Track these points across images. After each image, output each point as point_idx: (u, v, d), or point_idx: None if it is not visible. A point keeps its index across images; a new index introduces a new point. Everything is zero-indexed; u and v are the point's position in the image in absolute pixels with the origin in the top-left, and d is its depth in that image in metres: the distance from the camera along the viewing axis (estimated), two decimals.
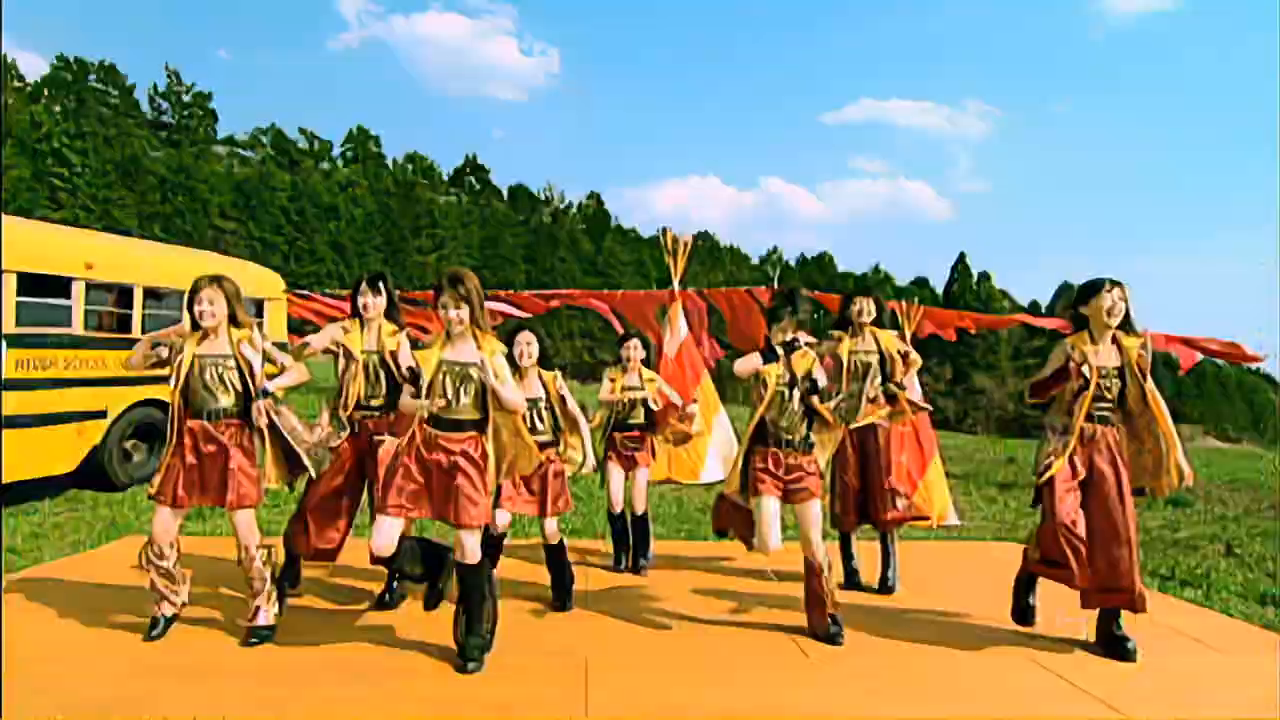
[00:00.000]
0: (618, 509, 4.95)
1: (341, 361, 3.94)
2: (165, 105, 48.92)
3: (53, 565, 4.78)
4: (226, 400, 3.55)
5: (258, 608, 3.55)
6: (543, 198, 69.48)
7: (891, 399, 4.59)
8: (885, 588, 4.63)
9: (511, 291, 9.41)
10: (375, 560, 3.40)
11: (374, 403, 3.95)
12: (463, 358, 3.32)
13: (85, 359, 6.82)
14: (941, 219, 78.33)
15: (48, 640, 3.48)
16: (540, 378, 4.11)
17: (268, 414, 3.55)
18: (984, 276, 57.42)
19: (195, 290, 3.52)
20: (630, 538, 5.06)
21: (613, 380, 5.00)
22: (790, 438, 3.80)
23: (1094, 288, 3.77)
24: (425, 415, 3.29)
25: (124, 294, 7.31)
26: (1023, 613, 3.98)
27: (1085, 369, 3.68)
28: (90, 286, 6.92)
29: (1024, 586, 3.98)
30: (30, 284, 6.42)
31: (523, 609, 4.11)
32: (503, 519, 4.13)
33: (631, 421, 4.99)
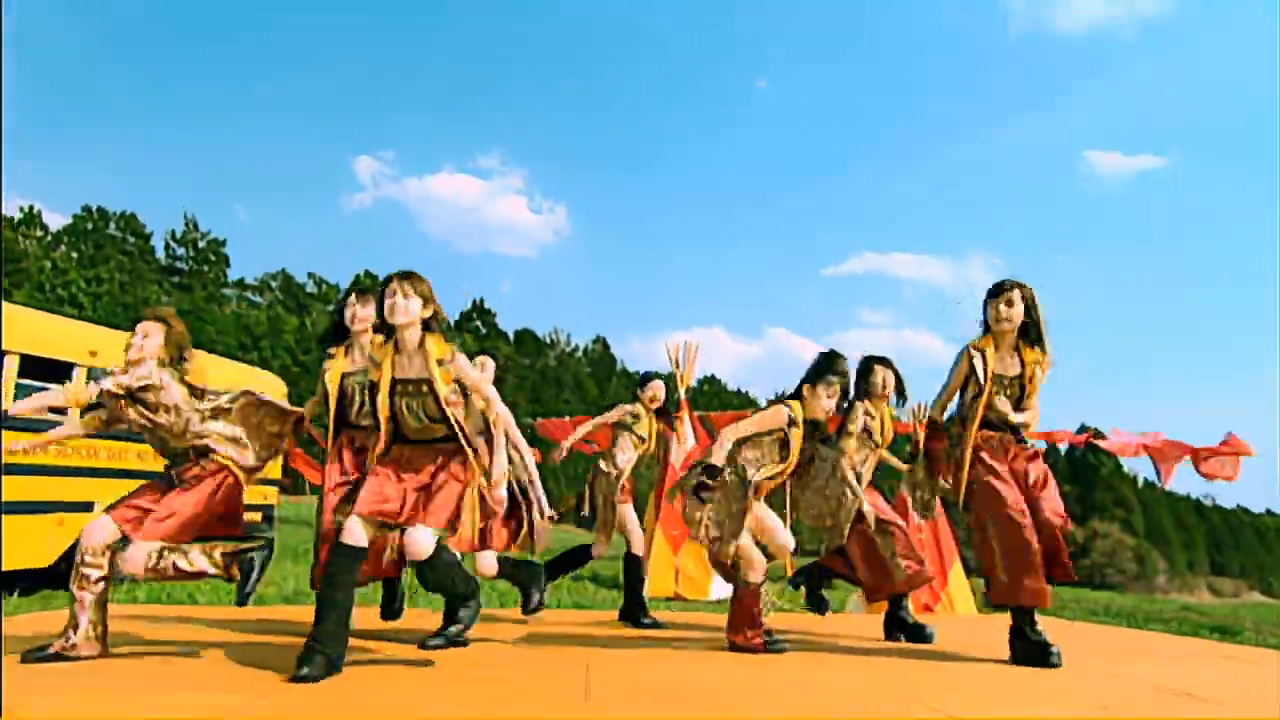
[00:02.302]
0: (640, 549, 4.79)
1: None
2: (180, 251, 50.67)
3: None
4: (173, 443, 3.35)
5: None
6: (549, 341, 70.78)
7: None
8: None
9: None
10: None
11: (364, 421, 3.71)
12: (412, 373, 3.06)
13: (77, 447, 6.61)
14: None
15: (30, 633, 3.33)
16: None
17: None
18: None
19: (137, 322, 3.34)
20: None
21: (637, 419, 4.89)
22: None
23: (993, 291, 3.63)
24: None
25: None
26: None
27: (980, 372, 3.56)
28: (92, 375, 6.82)
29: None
30: (32, 367, 6.33)
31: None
32: (488, 565, 3.84)
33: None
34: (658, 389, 4.98)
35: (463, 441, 3.06)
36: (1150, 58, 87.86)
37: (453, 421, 3.05)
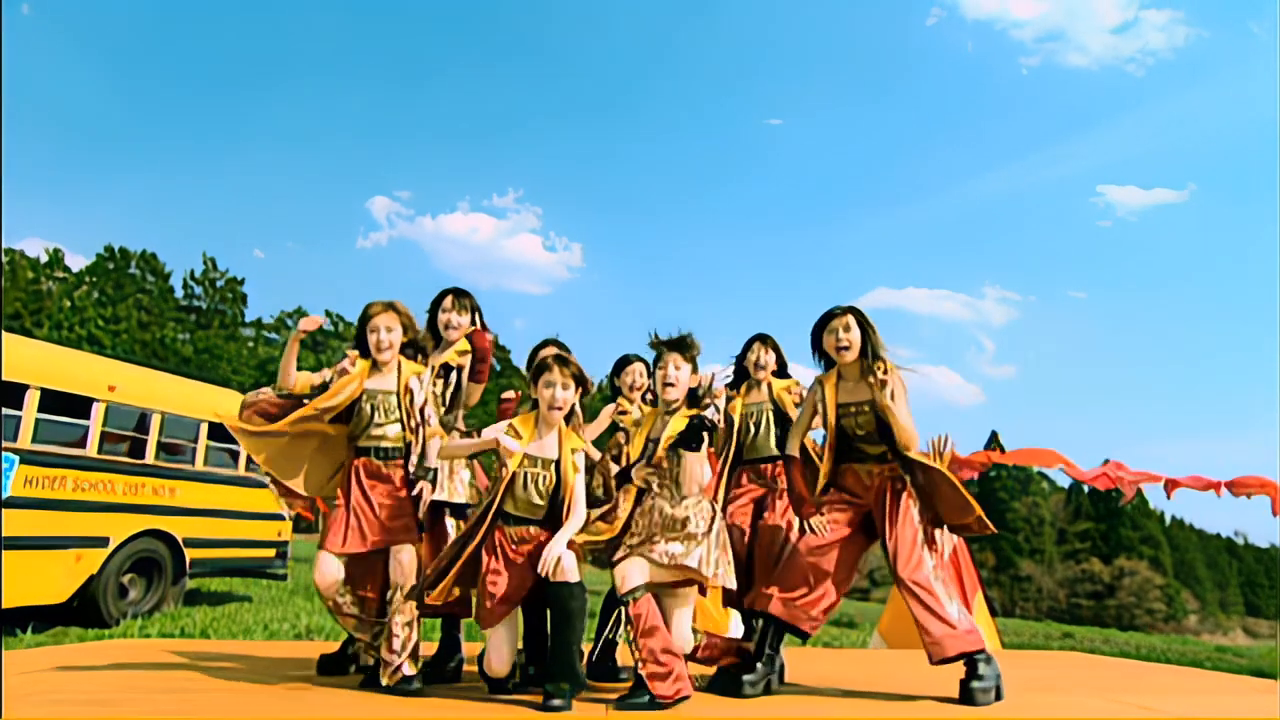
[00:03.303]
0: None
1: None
2: (198, 290, 51.35)
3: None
4: (393, 433, 3.32)
5: (392, 664, 3.14)
6: None
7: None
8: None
9: None
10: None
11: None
12: (543, 452, 3.09)
13: (95, 481, 6.63)
14: (970, 404, 78.20)
15: (43, 665, 3.24)
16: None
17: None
18: None
19: (369, 317, 3.33)
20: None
21: (624, 414, 4.00)
22: None
23: (821, 323, 3.53)
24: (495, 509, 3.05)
25: (142, 420, 7.24)
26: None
27: (819, 404, 3.46)
28: (110, 410, 6.86)
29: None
30: (51, 401, 6.38)
31: None
32: None
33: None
34: (636, 373, 4.12)
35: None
36: (1164, 92, 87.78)
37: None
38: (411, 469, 3.31)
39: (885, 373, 3.35)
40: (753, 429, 4.01)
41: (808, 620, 3.30)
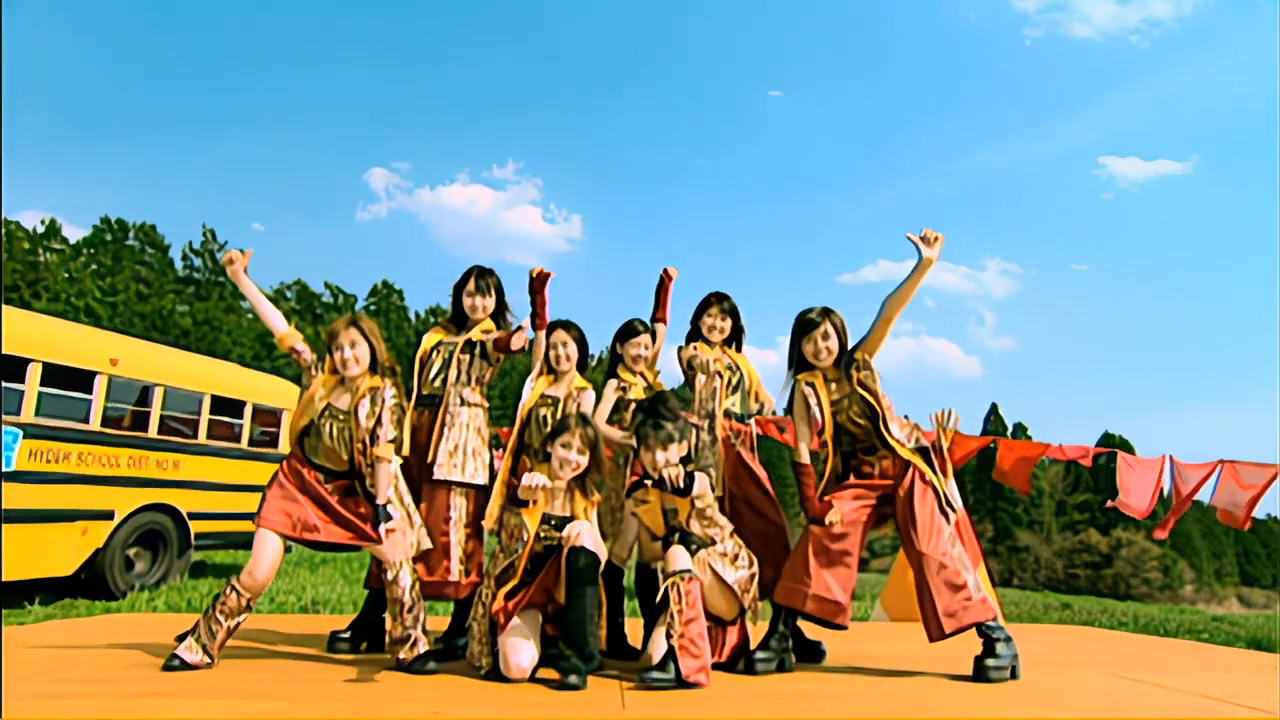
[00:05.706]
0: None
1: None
2: (197, 262, 51.11)
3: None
4: (341, 460, 3.25)
5: (409, 639, 3.13)
6: None
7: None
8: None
9: None
10: None
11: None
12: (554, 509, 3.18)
13: (99, 455, 6.62)
14: (970, 376, 77.84)
15: (48, 642, 3.27)
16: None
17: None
18: (1019, 428, 55.95)
19: (333, 334, 3.20)
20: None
21: (627, 388, 3.92)
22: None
23: (802, 329, 3.52)
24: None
25: (144, 393, 7.21)
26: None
27: (814, 406, 3.46)
28: (113, 383, 6.83)
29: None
30: (54, 375, 6.35)
31: None
32: None
33: None
34: (640, 346, 3.93)
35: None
36: (1168, 63, 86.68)
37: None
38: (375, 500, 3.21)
39: (865, 360, 3.46)
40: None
41: (840, 612, 3.30)
